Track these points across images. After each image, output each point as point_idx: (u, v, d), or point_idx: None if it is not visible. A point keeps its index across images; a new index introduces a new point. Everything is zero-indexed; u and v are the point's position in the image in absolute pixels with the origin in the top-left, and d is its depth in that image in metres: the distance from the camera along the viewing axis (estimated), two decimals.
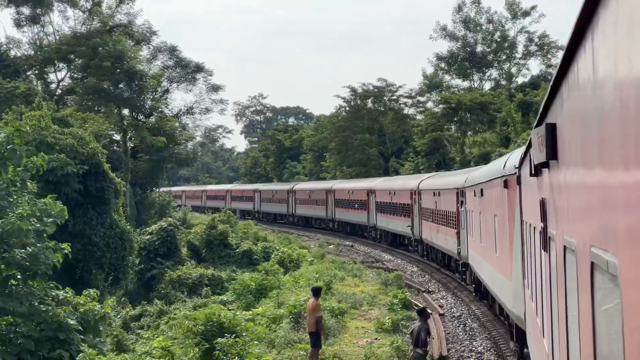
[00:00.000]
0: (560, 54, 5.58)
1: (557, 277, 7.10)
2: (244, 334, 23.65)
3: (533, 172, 9.55)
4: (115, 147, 74.49)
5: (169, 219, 55.42)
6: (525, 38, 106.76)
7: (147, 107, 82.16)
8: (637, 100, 3.14)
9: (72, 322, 24.35)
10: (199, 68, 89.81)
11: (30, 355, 23.02)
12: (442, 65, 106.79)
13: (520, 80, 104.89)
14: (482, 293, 29.80)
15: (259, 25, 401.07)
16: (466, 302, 31.71)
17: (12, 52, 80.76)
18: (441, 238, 39.21)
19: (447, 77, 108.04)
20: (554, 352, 7.94)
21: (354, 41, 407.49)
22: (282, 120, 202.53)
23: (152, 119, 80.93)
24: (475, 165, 72.42)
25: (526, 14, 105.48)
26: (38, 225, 24.65)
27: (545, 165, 7.67)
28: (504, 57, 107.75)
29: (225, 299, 36.53)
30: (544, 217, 8.73)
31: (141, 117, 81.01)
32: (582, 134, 5.00)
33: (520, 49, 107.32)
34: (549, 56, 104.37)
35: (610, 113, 3.87)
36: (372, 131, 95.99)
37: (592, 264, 4.56)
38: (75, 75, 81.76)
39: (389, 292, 34.48)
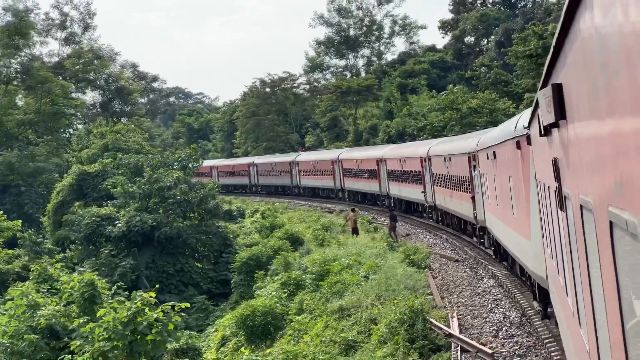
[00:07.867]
0: (559, 18, 5.49)
1: (576, 236, 7.04)
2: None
3: (543, 133, 9.48)
4: None
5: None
6: (390, 21, 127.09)
7: (118, 111, 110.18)
8: None
9: (231, 236, 54.81)
10: (154, 78, 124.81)
11: (216, 251, 53.03)
12: (322, 48, 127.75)
13: (389, 57, 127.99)
14: (501, 255, 29.73)
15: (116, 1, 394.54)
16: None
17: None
18: (455, 203, 39.04)
19: (326, 58, 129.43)
20: (579, 309, 7.91)
21: (216, 10, 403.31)
22: (164, 100, 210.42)
23: (123, 120, 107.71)
24: (367, 136, 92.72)
25: (390, 0, 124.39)
26: (212, 191, 55.29)
27: (554, 125, 7.59)
28: (374, 38, 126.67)
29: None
30: (557, 176, 8.66)
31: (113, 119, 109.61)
32: (590, 90, 4.93)
33: (387, 30, 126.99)
34: (411, 35, 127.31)
35: (617, 64, 3.80)
36: (278, 112, 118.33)
37: (611, 223, 4.48)
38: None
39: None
